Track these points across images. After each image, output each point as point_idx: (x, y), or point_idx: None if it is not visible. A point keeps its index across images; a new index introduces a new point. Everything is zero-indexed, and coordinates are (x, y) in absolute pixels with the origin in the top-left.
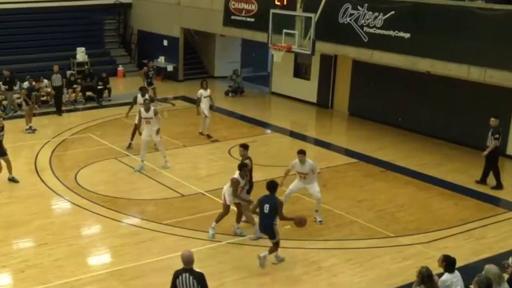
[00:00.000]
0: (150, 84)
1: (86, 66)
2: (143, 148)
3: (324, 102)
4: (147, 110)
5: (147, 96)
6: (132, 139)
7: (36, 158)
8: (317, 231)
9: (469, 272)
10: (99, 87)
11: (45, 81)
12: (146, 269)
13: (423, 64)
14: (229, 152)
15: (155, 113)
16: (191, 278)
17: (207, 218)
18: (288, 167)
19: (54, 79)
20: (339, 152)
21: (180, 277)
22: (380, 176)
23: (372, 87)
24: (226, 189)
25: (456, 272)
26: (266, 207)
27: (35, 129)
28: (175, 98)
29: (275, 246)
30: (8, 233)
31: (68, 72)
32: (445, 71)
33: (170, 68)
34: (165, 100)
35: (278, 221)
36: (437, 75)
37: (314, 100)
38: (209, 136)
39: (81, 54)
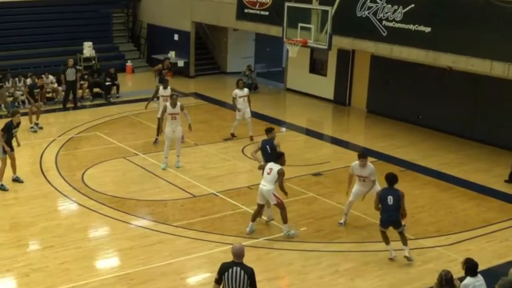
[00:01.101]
0: (162, 80)
1: (94, 62)
2: (168, 144)
3: (341, 99)
4: (174, 105)
5: (169, 89)
6: (158, 134)
7: (41, 157)
8: (334, 233)
9: (492, 275)
10: (107, 83)
11: (50, 77)
12: (156, 272)
13: (445, 59)
14: (242, 151)
15: (182, 108)
16: (242, 272)
17: (219, 220)
18: (350, 172)
19: (69, 73)
20: (357, 151)
21: (230, 271)
22: (400, 176)
23: (391, 83)
24: (271, 189)
25: (479, 275)
26: (390, 199)
27: (41, 127)
28: (186, 95)
29: (404, 237)
30: (12, 235)
31: (77, 67)
32: (467, 66)
33: (181, 63)
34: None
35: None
36: (459, 70)
37: (331, 97)
38: (251, 138)
39: (88, 49)
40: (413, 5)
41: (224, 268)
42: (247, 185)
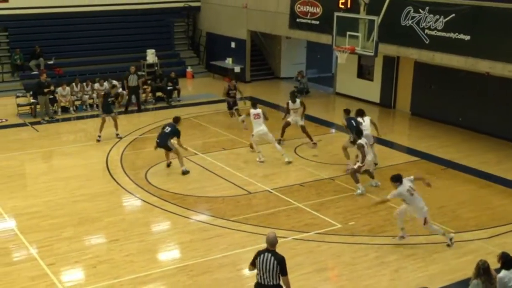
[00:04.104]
0: (234, 104)
1: (156, 68)
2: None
3: (386, 102)
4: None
5: (297, 102)
6: (282, 135)
7: (107, 156)
8: (380, 227)
9: None
10: (168, 88)
11: (115, 82)
12: (214, 264)
13: (483, 65)
14: (294, 151)
15: (264, 114)
16: (272, 258)
17: (273, 215)
18: None
19: (131, 79)
20: (401, 151)
21: (261, 256)
22: (441, 174)
23: (433, 88)
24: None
25: None
26: None
27: (120, 137)
28: (242, 98)
29: None
30: (80, 229)
31: (139, 73)
32: (504, 72)
33: (237, 69)
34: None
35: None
36: (497, 76)
37: (377, 100)
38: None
39: (151, 56)
40: (453, 15)
41: (257, 254)
42: (299, 182)
